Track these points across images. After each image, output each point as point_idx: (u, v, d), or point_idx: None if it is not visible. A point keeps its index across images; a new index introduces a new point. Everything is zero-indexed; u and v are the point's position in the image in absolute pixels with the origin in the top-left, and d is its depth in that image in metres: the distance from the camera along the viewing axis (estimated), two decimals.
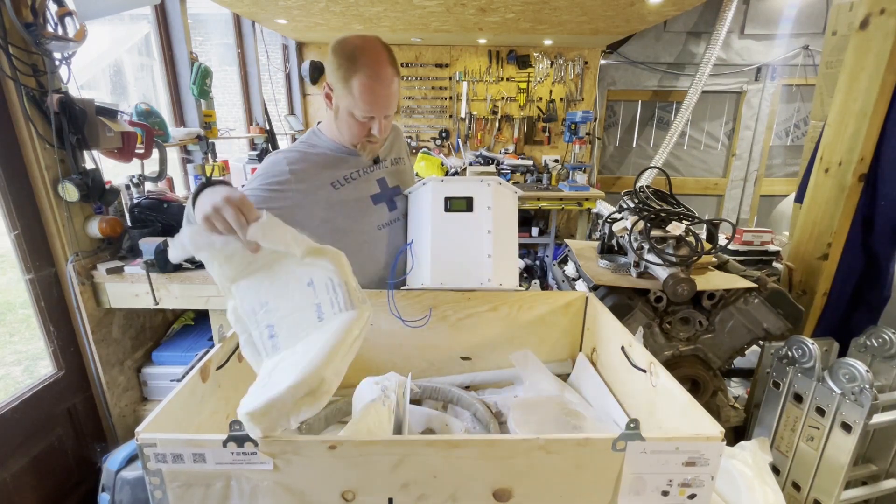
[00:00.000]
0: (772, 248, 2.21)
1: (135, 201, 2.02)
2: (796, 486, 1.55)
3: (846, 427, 1.39)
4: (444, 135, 5.00)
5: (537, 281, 1.25)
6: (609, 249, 1.88)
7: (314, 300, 0.82)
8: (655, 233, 1.64)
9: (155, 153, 2.11)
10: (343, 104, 1.19)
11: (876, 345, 1.59)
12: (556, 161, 4.88)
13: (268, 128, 3.72)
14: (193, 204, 0.90)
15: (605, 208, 4.06)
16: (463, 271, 1.19)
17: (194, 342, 2.16)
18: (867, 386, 1.34)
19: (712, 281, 1.63)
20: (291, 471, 0.74)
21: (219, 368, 1.00)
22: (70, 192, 1.68)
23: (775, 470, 1.59)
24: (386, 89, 1.16)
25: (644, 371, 1.07)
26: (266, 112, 3.78)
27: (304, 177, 1.23)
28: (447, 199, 1.16)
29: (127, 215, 2.00)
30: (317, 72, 4.66)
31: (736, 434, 1.82)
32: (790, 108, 5.14)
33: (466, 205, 1.16)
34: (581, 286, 1.84)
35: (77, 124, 1.65)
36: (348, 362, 0.78)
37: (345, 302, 0.81)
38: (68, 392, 1.82)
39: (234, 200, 0.80)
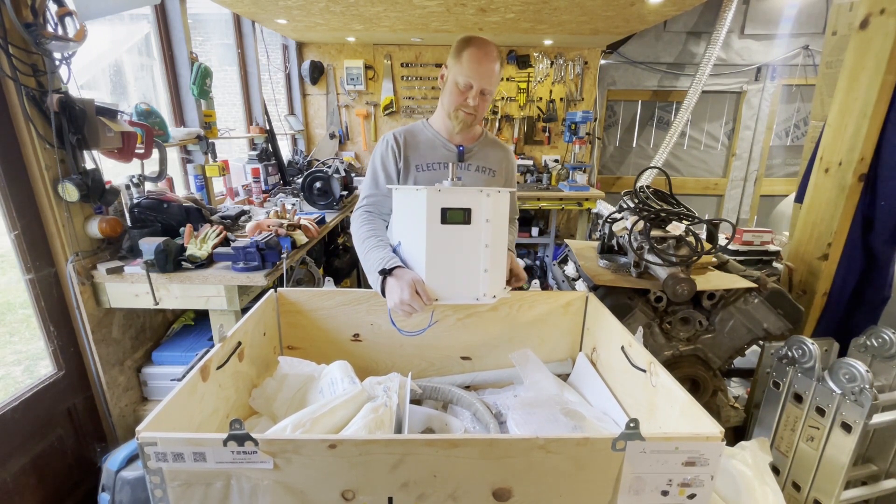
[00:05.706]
0: (772, 248, 2.21)
1: (135, 201, 2.02)
2: (796, 486, 1.55)
3: (846, 427, 1.39)
4: None
5: (537, 281, 1.24)
6: (609, 249, 1.89)
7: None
8: (655, 233, 1.64)
9: (155, 153, 2.11)
10: (452, 74, 1.41)
11: (876, 345, 1.59)
12: (556, 161, 4.88)
13: (268, 128, 3.72)
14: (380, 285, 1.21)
15: (605, 208, 4.06)
16: (458, 287, 1.15)
17: (194, 342, 2.16)
18: (867, 386, 1.34)
19: (712, 281, 1.63)
20: (291, 470, 0.74)
21: (219, 368, 1.00)
22: (70, 192, 1.68)
23: (775, 470, 1.59)
24: (488, 63, 1.36)
25: (644, 371, 1.07)
26: (266, 112, 3.78)
27: (403, 145, 1.48)
28: (444, 210, 1.11)
29: (127, 215, 2.00)
30: (317, 72, 4.65)
31: (736, 434, 1.82)
32: (790, 108, 5.14)
33: (464, 216, 1.12)
34: (581, 286, 1.84)
35: (77, 124, 1.65)
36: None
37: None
38: (68, 392, 1.82)
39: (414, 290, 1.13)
